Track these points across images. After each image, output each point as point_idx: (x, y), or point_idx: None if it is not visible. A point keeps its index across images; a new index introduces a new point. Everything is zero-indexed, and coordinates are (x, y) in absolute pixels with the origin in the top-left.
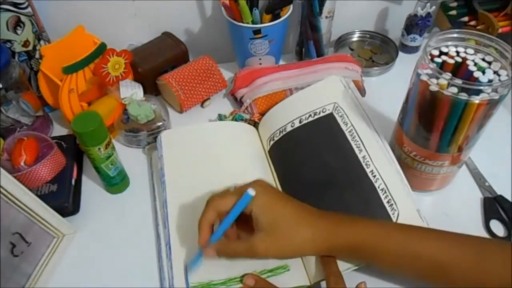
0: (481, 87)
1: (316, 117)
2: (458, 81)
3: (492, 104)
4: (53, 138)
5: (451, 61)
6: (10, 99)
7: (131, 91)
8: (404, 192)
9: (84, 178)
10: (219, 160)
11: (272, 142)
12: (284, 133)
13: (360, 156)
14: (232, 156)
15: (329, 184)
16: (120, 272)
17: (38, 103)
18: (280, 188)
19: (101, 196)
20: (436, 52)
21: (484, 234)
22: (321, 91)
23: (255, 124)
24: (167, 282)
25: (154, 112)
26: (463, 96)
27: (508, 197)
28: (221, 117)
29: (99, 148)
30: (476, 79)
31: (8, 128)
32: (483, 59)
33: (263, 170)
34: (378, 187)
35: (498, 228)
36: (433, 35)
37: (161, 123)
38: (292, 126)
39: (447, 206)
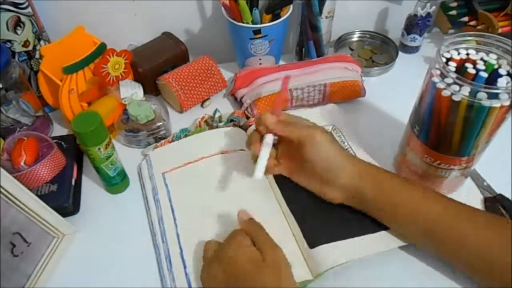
0: (500, 91)
1: None
2: (483, 89)
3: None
4: (53, 138)
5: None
6: (10, 99)
7: (131, 91)
8: None
9: (84, 178)
10: (212, 171)
11: None
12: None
13: None
14: (224, 164)
15: None
16: (120, 272)
17: (38, 103)
18: (277, 189)
19: (101, 196)
20: (447, 56)
21: None
22: (320, 114)
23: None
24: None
25: (154, 112)
26: (486, 102)
27: (508, 196)
28: (215, 113)
29: (99, 148)
30: (494, 83)
31: (8, 128)
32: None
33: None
34: None
35: None
36: (446, 40)
37: (161, 123)
38: None
39: None
